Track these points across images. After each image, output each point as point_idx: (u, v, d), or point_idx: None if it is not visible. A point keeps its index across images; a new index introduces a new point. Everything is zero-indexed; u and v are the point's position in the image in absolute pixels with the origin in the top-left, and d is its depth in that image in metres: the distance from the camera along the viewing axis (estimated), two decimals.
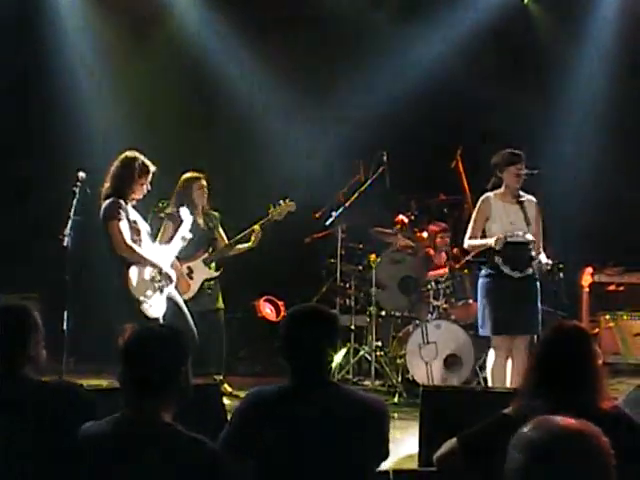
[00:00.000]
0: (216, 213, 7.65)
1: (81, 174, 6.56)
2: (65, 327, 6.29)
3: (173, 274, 6.62)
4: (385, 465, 3.56)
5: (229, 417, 3.48)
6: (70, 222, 6.29)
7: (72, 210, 6.34)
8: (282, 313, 9.53)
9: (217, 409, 4.42)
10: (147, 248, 6.49)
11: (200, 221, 7.52)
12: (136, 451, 2.86)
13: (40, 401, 3.22)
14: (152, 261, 6.44)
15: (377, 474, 3.67)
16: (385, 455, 3.42)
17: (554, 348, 3.24)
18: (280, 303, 9.64)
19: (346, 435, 3.21)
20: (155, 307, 6.40)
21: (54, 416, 3.16)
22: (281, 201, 7.46)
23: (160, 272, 6.48)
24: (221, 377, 7.64)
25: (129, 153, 6.57)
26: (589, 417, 3.11)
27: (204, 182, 7.53)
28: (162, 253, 6.61)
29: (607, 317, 9.36)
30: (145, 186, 6.53)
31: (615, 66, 10.07)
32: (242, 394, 4.33)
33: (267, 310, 9.46)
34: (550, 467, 2.02)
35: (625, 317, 9.38)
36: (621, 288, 9.58)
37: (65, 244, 6.23)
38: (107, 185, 6.46)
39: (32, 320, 3.36)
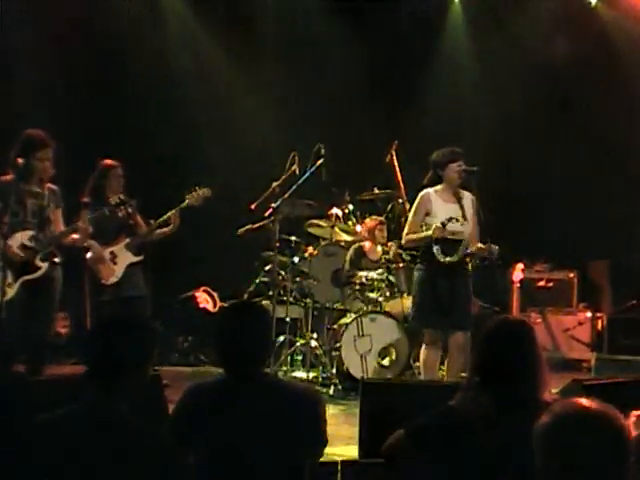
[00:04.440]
0: (132, 200, 7.62)
1: None
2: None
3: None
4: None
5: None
6: None
7: None
8: (219, 304, 9.54)
9: (159, 399, 4.41)
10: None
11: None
12: (93, 442, 2.83)
13: None
14: None
15: (323, 464, 3.73)
16: (324, 442, 3.50)
17: (499, 342, 3.32)
18: (214, 294, 9.65)
19: (281, 426, 3.27)
20: None
21: (6, 407, 3.12)
22: (197, 187, 7.52)
23: None
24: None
25: (29, 131, 6.62)
26: (532, 409, 3.22)
27: (120, 170, 7.53)
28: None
29: (536, 313, 9.55)
30: (46, 162, 6.55)
31: None
32: (176, 385, 4.34)
33: (205, 301, 9.45)
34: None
35: (554, 313, 9.58)
36: (550, 284, 9.78)
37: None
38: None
39: None
